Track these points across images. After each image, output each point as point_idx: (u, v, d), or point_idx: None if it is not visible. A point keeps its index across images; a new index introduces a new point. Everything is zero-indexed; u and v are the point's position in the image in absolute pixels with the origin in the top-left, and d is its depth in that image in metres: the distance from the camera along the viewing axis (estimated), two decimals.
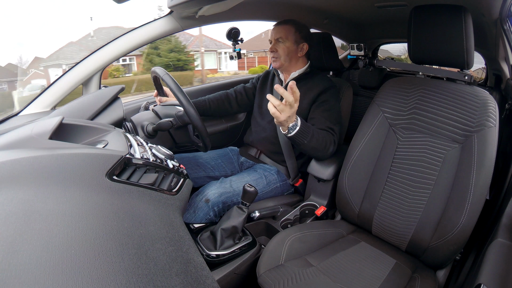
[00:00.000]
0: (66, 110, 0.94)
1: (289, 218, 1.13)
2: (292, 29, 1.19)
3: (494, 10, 1.08)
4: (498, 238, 0.68)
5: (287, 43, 1.19)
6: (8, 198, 0.41)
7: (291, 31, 1.19)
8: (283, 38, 1.19)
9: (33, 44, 13.89)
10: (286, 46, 1.19)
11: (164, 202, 0.58)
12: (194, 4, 1.01)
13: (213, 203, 1.02)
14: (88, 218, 0.43)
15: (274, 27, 1.23)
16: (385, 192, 0.97)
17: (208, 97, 1.35)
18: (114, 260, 0.38)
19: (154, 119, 1.03)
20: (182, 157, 1.28)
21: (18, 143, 0.57)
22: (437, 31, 0.88)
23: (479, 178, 0.81)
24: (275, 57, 1.21)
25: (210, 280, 0.48)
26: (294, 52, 1.21)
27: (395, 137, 0.99)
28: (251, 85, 1.41)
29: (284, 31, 1.19)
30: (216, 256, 0.85)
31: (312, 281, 0.79)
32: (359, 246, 0.96)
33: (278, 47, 1.20)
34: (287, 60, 1.21)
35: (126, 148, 0.64)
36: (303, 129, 0.96)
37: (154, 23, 1.19)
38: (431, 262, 0.90)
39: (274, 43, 1.21)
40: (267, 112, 1.28)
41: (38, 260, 0.34)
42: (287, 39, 1.19)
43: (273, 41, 1.22)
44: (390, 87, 1.05)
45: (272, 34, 1.22)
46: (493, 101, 0.86)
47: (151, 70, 1.05)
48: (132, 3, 0.92)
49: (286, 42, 1.19)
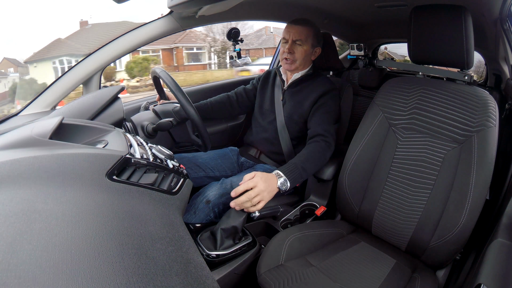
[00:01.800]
0: (66, 110, 0.94)
1: (289, 218, 1.13)
2: (312, 32, 1.15)
3: (494, 10, 1.08)
4: (498, 238, 0.68)
5: (305, 47, 1.14)
6: (8, 198, 0.41)
7: (310, 34, 1.15)
8: (303, 40, 1.13)
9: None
10: (304, 49, 1.14)
11: (164, 202, 0.58)
12: (194, 4, 1.01)
13: (213, 204, 1.02)
14: (88, 218, 0.43)
15: (292, 26, 1.15)
16: (385, 192, 0.97)
17: (209, 100, 1.35)
18: (114, 260, 0.38)
19: (154, 119, 1.03)
20: (182, 157, 1.28)
21: (18, 143, 0.57)
22: (437, 31, 0.88)
23: (479, 178, 0.81)
24: (291, 59, 1.16)
25: (210, 280, 0.48)
26: (309, 56, 1.18)
27: (395, 137, 0.99)
28: (251, 86, 1.40)
29: (304, 33, 1.14)
30: (216, 256, 0.85)
31: (312, 281, 0.79)
32: (359, 246, 0.96)
33: (296, 49, 1.14)
34: (302, 64, 1.17)
35: (126, 148, 0.64)
36: (293, 179, 0.94)
37: (154, 23, 1.19)
38: (431, 262, 0.90)
39: (292, 45, 1.14)
40: (268, 112, 1.28)
41: (38, 260, 0.34)
42: (306, 42, 1.14)
43: (289, 42, 1.15)
44: (390, 87, 1.05)
45: (290, 33, 1.15)
46: (493, 101, 0.86)
47: (151, 70, 1.05)
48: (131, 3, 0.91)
49: (304, 45, 1.14)
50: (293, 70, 1.21)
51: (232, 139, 1.73)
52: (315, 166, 1.04)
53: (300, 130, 1.20)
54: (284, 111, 1.22)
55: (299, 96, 1.20)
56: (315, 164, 1.03)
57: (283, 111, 1.22)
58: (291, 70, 1.21)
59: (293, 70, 1.21)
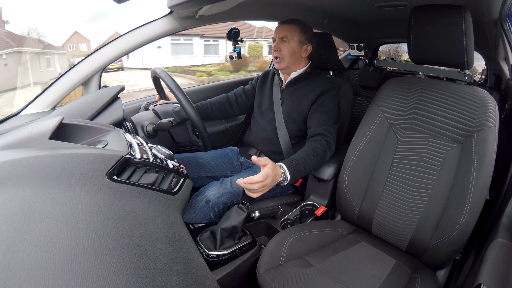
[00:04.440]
0: (66, 110, 0.94)
1: (289, 218, 1.13)
2: (298, 29, 1.18)
3: (494, 10, 1.08)
4: (498, 238, 0.68)
5: (291, 43, 1.17)
6: (8, 198, 0.41)
7: (296, 31, 1.18)
8: (288, 38, 1.17)
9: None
10: (291, 46, 1.18)
11: (164, 202, 0.58)
12: (194, 4, 1.01)
13: (213, 204, 1.02)
14: (88, 218, 0.42)
15: (279, 26, 1.21)
16: (385, 192, 0.97)
17: (209, 101, 1.35)
18: (114, 260, 0.38)
19: (154, 119, 1.03)
20: (182, 157, 1.28)
21: (18, 143, 0.57)
22: (437, 31, 0.88)
23: (479, 178, 0.81)
24: (279, 57, 1.19)
25: (210, 280, 0.48)
26: (298, 53, 1.20)
27: (395, 137, 0.99)
28: (250, 86, 1.41)
29: (289, 30, 1.17)
30: (216, 256, 0.85)
31: (312, 281, 0.79)
32: (359, 246, 0.96)
33: (282, 46, 1.18)
34: (290, 62, 1.20)
35: (126, 148, 0.64)
36: (294, 173, 0.94)
37: (154, 23, 1.19)
38: (431, 262, 0.90)
39: (278, 42, 1.19)
40: (267, 111, 1.28)
41: (38, 260, 0.34)
42: (292, 39, 1.17)
43: (277, 40, 1.19)
44: (390, 87, 1.05)
45: (277, 32, 1.20)
46: (493, 101, 0.86)
47: (151, 70, 1.05)
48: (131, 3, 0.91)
49: (290, 42, 1.17)
50: (283, 69, 1.22)
51: (232, 139, 1.73)
52: (316, 164, 1.03)
53: (299, 129, 1.20)
54: (283, 110, 1.22)
55: (297, 95, 1.20)
56: (316, 162, 1.03)
57: (282, 110, 1.23)
58: (281, 69, 1.22)
59: (283, 69, 1.22)
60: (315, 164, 1.03)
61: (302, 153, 1.02)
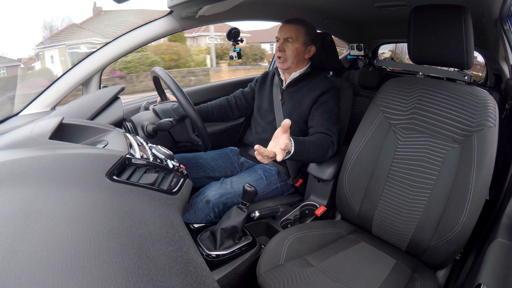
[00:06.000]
0: (66, 110, 0.94)
1: (289, 218, 1.13)
2: (303, 30, 1.16)
3: (494, 10, 1.08)
4: (498, 238, 0.68)
5: (296, 44, 1.16)
6: (8, 198, 0.41)
7: (301, 32, 1.16)
8: (293, 38, 1.16)
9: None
10: (295, 47, 1.16)
11: (164, 202, 0.58)
12: (194, 4, 1.01)
13: (213, 204, 1.02)
14: (88, 218, 0.43)
15: (284, 25, 1.19)
16: (385, 192, 0.97)
17: (210, 104, 1.35)
18: (114, 260, 0.38)
19: (154, 119, 1.03)
20: (182, 157, 1.28)
21: (18, 143, 0.57)
22: (437, 31, 0.88)
23: (479, 178, 0.81)
24: (282, 58, 1.18)
25: (210, 280, 0.48)
26: (302, 54, 1.19)
27: (395, 137, 0.99)
28: (249, 89, 1.40)
29: (295, 31, 1.16)
30: (216, 256, 0.85)
31: (312, 281, 0.79)
32: (359, 246, 0.96)
33: (286, 47, 1.17)
34: (294, 62, 1.19)
35: (126, 148, 0.64)
36: (297, 150, 0.92)
37: (154, 23, 1.19)
38: (431, 262, 0.90)
39: (283, 42, 1.17)
40: (267, 112, 1.28)
41: (38, 260, 0.34)
42: (297, 40, 1.16)
43: (281, 40, 1.18)
44: (390, 87, 1.05)
45: (281, 32, 1.18)
46: (493, 101, 0.86)
47: (151, 70, 1.05)
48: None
49: (295, 43, 1.16)
50: (286, 69, 1.21)
51: (232, 139, 1.73)
52: (318, 155, 1.02)
53: (300, 130, 1.20)
54: (284, 111, 1.22)
55: (298, 96, 1.20)
56: (319, 153, 1.02)
57: (283, 111, 1.22)
58: (284, 69, 1.21)
59: (286, 69, 1.21)
60: (318, 154, 1.01)
61: (308, 139, 1.01)
